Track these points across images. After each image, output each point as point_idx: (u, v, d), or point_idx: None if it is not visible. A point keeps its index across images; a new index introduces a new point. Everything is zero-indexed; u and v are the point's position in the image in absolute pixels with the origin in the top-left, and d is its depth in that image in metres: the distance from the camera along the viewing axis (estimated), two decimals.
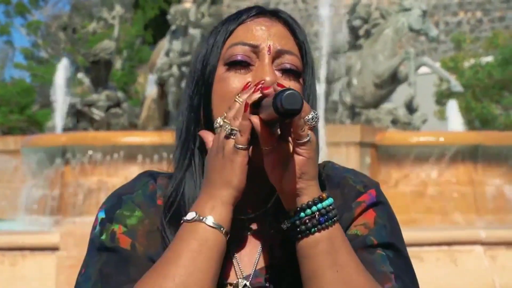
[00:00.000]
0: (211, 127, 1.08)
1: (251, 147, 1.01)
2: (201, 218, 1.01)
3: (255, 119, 0.97)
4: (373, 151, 8.91)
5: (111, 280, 1.06)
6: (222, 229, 1.01)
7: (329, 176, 1.11)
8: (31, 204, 8.83)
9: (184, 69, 9.53)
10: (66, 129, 10.75)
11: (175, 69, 9.53)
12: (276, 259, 1.09)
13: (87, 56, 11.34)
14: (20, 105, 31.85)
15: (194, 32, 9.89)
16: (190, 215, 1.04)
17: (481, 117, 18.82)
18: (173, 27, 10.01)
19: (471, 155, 8.79)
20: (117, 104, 11.19)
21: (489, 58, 19.48)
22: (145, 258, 1.09)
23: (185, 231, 1.03)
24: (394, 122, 9.96)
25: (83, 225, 5.66)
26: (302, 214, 0.99)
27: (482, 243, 6.02)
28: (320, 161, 1.14)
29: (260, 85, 0.99)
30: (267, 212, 1.10)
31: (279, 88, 0.94)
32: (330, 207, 1.00)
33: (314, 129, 0.99)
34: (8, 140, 11.07)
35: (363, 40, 10.39)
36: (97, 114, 10.93)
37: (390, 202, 5.28)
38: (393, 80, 10.13)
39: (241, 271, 1.10)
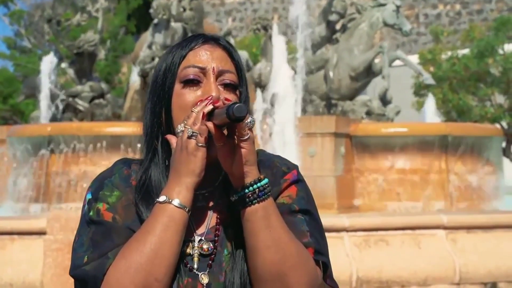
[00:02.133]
0: (170, 129, 1.42)
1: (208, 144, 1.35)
2: (170, 200, 1.34)
3: (210, 124, 1.31)
4: (348, 141, 9.26)
5: (100, 245, 1.39)
6: (185, 208, 1.35)
7: (261, 161, 1.43)
8: (18, 192, 9.07)
9: None
10: (51, 119, 10.99)
11: (157, 62, 9.81)
12: (222, 221, 1.43)
13: (71, 48, 11.53)
14: (2, 94, 31.83)
15: (176, 25, 10.16)
16: (162, 198, 1.35)
17: (457, 108, 19.19)
18: (155, 21, 10.24)
19: (441, 145, 9.18)
20: (101, 95, 11.44)
21: (466, 51, 19.84)
22: (124, 227, 1.41)
23: (158, 210, 1.34)
24: (369, 113, 10.30)
25: (68, 211, 5.94)
26: (247, 190, 1.32)
27: (444, 227, 6.34)
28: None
29: (210, 100, 1.34)
30: (216, 189, 1.45)
31: (228, 102, 1.31)
32: (266, 185, 1.34)
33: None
34: None
35: (339, 34, 10.70)
36: (82, 105, 11.18)
37: (363, 188, 5.81)
38: (368, 73, 10.45)
39: (196, 231, 1.43)
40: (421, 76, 12.91)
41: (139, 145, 8.27)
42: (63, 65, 12.79)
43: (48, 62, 11.30)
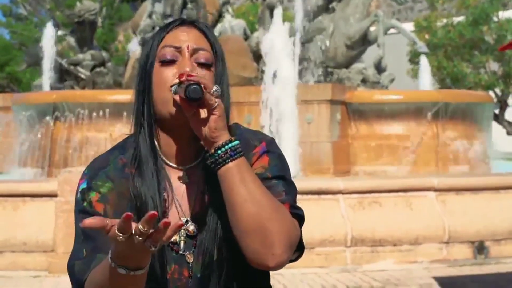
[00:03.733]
0: (151, 107, 1.53)
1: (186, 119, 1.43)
2: (130, 273, 1.30)
3: (176, 97, 1.44)
4: (343, 108, 9.51)
5: (92, 239, 1.45)
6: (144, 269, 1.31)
7: (235, 135, 1.51)
8: (24, 158, 9.33)
9: None
10: (53, 87, 11.20)
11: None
12: (206, 199, 1.49)
13: (72, 17, 11.69)
14: None
15: None
16: (122, 271, 1.29)
17: (452, 75, 19.38)
18: None
19: (433, 111, 9.45)
20: (102, 64, 11.65)
21: (461, 18, 19.95)
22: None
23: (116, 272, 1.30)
24: (364, 81, 10.54)
25: (78, 174, 6.16)
26: (219, 151, 1.40)
27: (435, 190, 6.64)
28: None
29: (180, 75, 1.46)
30: (198, 165, 1.53)
31: (190, 79, 1.41)
32: (237, 145, 1.42)
33: (226, 96, 1.49)
34: None
35: (336, 4, 10.87)
36: (83, 73, 11.40)
37: (358, 153, 6.17)
38: (364, 41, 10.66)
39: (182, 211, 1.49)
40: (415, 44, 13.11)
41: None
42: (60, 33, 12.94)
43: (50, 30, 11.46)
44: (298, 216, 1.48)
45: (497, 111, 19.71)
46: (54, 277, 6.01)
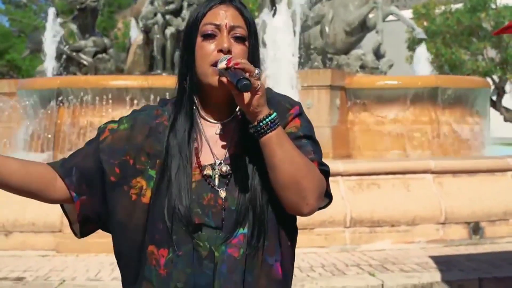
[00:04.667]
0: (194, 72, 1.75)
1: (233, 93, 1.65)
2: None
3: (223, 79, 1.64)
4: (343, 94, 9.67)
5: (73, 155, 1.77)
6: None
7: (269, 100, 1.73)
8: (29, 143, 9.49)
9: (168, 17, 10.12)
10: (55, 73, 11.35)
11: (159, 17, 10.12)
12: (237, 148, 1.76)
13: (74, 4, 11.80)
14: None
15: None
16: None
17: (450, 62, 19.54)
18: None
19: (431, 96, 9.62)
20: (104, 50, 11.79)
21: (459, 5, 20.07)
22: (95, 153, 1.74)
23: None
24: (363, 67, 10.70)
25: None
26: (261, 123, 1.62)
27: (432, 172, 6.82)
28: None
29: (228, 61, 1.66)
30: (232, 121, 1.79)
31: (237, 67, 1.61)
32: (276, 118, 1.64)
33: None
34: (2, 83, 11.60)
35: None
36: (85, 59, 11.54)
37: (357, 138, 6.38)
38: (363, 28, 10.80)
39: (215, 155, 1.72)
40: (413, 31, 13.25)
41: (152, 97, 8.71)
42: (59, 19, 13.04)
43: (52, 16, 11.58)
44: (325, 172, 1.73)
45: (494, 98, 19.88)
46: (62, 256, 6.20)
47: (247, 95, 1.62)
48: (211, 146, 1.73)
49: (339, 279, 5.31)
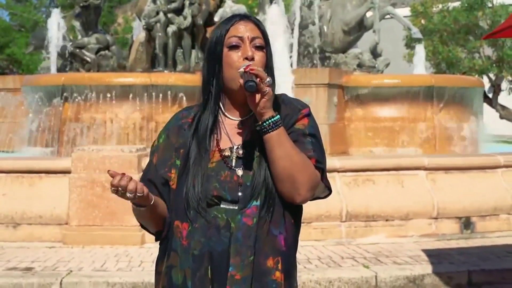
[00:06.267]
0: (221, 79, 2.07)
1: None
2: (139, 208, 2.03)
3: (241, 81, 1.95)
4: (340, 92, 9.91)
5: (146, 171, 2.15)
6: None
7: (283, 100, 2.12)
8: (34, 138, 9.70)
9: (170, 15, 10.33)
10: (59, 70, 11.55)
11: (161, 16, 10.32)
12: (253, 138, 2.06)
13: (78, 1, 11.99)
14: None
15: None
16: (133, 206, 2.02)
17: (447, 60, 19.70)
18: None
19: (426, 95, 9.84)
20: (106, 47, 12.00)
21: (457, 4, 20.23)
22: (158, 163, 2.10)
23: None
24: (360, 65, 10.93)
25: (90, 152, 6.54)
26: (265, 123, 1.95)
27: (425, 168, 7.04)
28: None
29: (247, 66, 1.98)
30: (250, 117, 2.08)
31: (252, 72, 1.93)
32: (278, 120, 1.95)
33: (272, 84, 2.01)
34: (7, 79, 11.81)
35: None
36: (88, 56, 11.75)
37: (354, 135, 6.72)
38: (360, 27, 11.03)
39: (233, 142, 2.04)
40: (409, 30, 13.47)
41: (154, 94, 8.92)
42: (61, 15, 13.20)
43: (56, 13, 11.76)
44: (320, 169, 2.02)
45: (490, 95, 20.11)
46: (68, 248, 6.42)
47: (257, 97, 1.93)
48: (230, 135, 2.05)
49: (334, 271, 5.54)
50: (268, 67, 2.05)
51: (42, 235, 6.57)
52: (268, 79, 1.94)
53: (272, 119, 1.95)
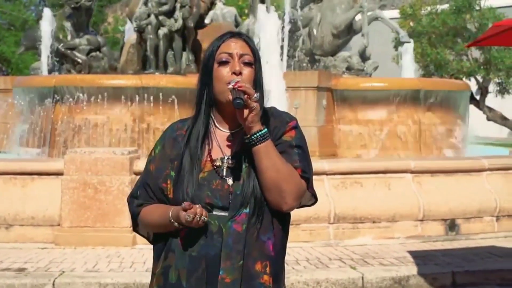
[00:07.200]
0: (212, 92, 2.18)
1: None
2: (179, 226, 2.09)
3: (230, 96, 2.07)
4: (329, 94, 10.03)
5: (146, 189, 2.23)
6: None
7: (272, 113, 2.22)
8: (25, 139, 9.75)
9: (161, 18, 10.41)
10: (50, 71, 11.60)
11: (152, 18, 10.40)
12: (243, 149, 2.17)
13: (69, 3, 12.05)
14: None
15: None
16: (176, 225, 2.08)
17: (435, 62, 19.88)
18: None
19: (414, 98, 9.99)
20: (98, 48, 12.08)
21: (445, 6, 20.40)
22: (155, 174, 2.20)
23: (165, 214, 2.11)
24: (349, 68, 11.06)
25: (83, 154, 6.62)
26: (253, 137, 2.05)
27: (411, 171, 7.16)
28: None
29: (236, 83, 2.10)
30: (240, 130, 2.18)
31: (240, 89, 2.04)
32: (266, 133, 2.09)
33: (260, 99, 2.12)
34: None
35: None
36: (79, 57, 11.82)
37: (343, 138, 6.89)
38: (349, 30, 11.16)
39: (224, 152, 2.14)
40: (397, 34, 13.61)
41: (146, 96, 8.99)
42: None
43: (48, 14, 11.81)
44: (306, 178, 2.14)
45: (478, 97, 20.30)
46: (60, 249, 6.51)
47: (245, 112, 2.04)
48: (221, 146, 2.17)
49: (322, 272, 5.67)
50: (257, 82, 2.16)
51: (34, 236, 6.65)
52: (255, 95, 2.05)
53: (260, 133, 2.06)
